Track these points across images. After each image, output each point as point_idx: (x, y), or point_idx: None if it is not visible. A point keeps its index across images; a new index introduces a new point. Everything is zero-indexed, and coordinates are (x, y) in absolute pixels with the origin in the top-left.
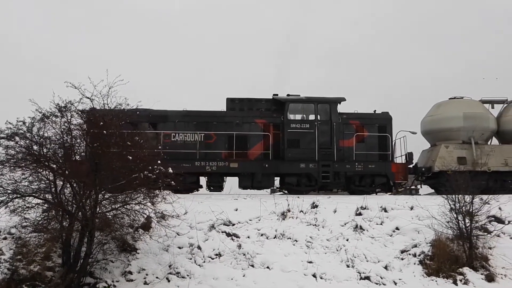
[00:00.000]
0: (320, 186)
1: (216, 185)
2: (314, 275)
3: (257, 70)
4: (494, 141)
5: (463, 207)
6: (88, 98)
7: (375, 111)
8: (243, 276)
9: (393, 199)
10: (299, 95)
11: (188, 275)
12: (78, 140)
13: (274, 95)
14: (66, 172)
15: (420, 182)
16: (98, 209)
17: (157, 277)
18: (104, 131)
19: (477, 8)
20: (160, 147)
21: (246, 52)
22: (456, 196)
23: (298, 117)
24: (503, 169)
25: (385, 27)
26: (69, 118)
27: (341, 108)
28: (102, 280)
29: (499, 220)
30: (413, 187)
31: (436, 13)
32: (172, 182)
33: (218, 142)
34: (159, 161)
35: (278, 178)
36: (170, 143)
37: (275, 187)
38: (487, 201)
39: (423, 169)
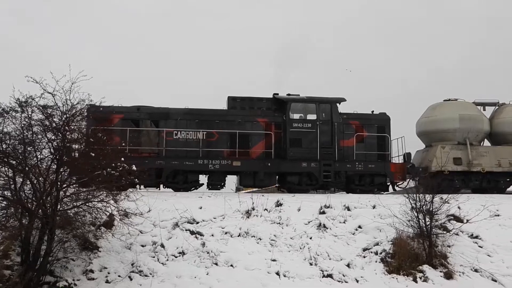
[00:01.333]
0: (320, 185)
1: (217, 184)
2: (277, 273)
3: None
4: (486, 142)
5: (424, 206)
6: (49, 93)
7: (373, 111)
8: (207, 274)
9: (356, 198)
10: (298, 95)
11: (151, 274)
12: (39, 136)
13: (274, 94)
14: (26, 168)
15: (415, 181)
16: (59, 207)
17: (119, 276)
18: (66, 127)
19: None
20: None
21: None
22: (417, 195)
23: (299, 116)
24: (496, 170)
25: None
26: (30, 113)
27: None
28: (62, 279)
29: (458, 219)
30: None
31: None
32: (136, 179)
33: (220, 140)
34: (122, 158)
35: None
36: (172, 141)
37: (239, 186)
38: (446, 200)
39: (420, 169)
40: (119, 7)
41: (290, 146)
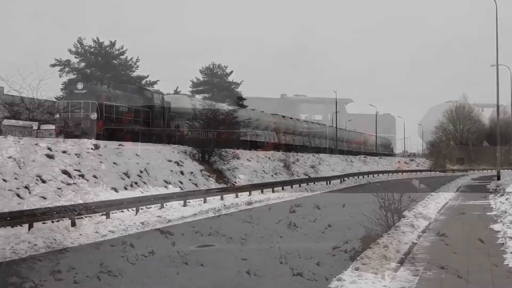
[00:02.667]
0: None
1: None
2: (248, 272)
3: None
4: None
5: (392, 205)
6: (16, 90)
7: (377, 112)
8: (177, 274)
9: (326, 197)
10: (305, 95)
11: (120, 274)
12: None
13: (282, 95)
14: None
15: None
16: (25, 206)
17: (87, 276)
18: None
19: None
20: None
21: None
22: (386, 194)
23: (308, 116)
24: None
25: None
26: None
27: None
28: (29, 280)
29: (425, 217)
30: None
31: None
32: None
33: (230, 139)
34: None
35: None
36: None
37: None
38: (414, 199)
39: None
40: None
41: (299, 145)
